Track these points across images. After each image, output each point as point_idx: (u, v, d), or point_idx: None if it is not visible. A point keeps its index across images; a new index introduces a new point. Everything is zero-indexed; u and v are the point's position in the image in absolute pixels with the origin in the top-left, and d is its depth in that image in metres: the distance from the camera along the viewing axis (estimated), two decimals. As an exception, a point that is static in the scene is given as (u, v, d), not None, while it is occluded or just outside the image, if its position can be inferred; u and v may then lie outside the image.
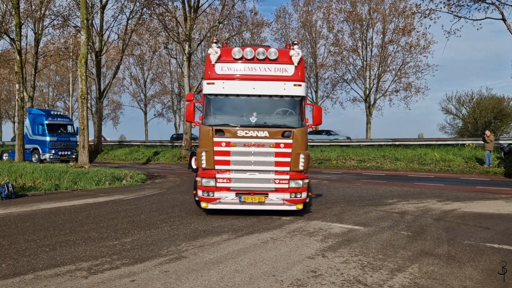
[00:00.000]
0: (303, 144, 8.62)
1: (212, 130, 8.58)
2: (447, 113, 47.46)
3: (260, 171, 8.61)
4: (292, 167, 8.54)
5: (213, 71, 8.79)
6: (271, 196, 8.60)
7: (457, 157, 22.44)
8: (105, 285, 4.75)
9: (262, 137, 8.52)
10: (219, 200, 8.70)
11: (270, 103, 8.89)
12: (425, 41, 35.95)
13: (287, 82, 8.68)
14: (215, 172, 8.66)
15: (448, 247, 6.44)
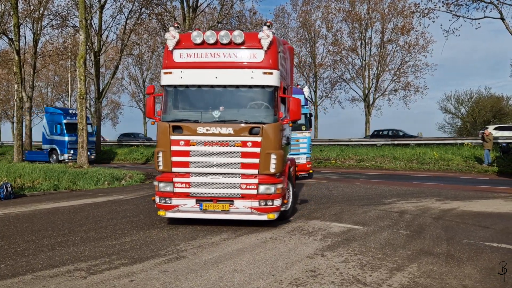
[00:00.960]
0: (275, 143, 7.45)
1: (169, 127, 7.59)
2: (446, 112, 47.54)
3: (224, 175, 7.48)
4: (261, 169, 7.37)
5: (171, 59, 7.74)
6: (236, 203, 7.44)
7: (456, 156, 22.46)
8: (104, 285, 4.74)
9: (225, 134, 7.42)
10: (177, 207, 7.63)
11: (237, 95, 7.80)
12: (424, 40, 36.02)
13: (255, 70, 7.44)
14: (173, 175, 7.63)
15: (447, 246, 6.44)
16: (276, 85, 7.53)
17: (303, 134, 15.76)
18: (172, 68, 7.69)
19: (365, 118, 38.90)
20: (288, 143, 8.85)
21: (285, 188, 7.93)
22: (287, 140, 8.59)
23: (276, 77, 7.53)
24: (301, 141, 15.73)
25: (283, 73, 8.22)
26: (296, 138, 15.26)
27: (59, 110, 29.34)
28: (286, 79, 8.81)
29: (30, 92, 33.94)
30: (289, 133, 9.08)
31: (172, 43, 7.67)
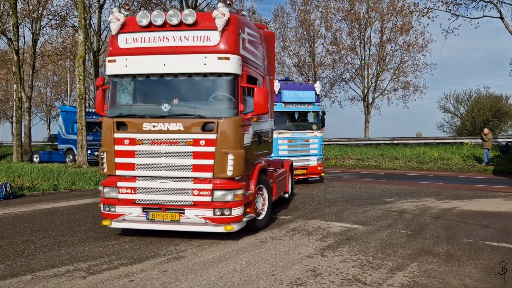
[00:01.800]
0: (234, 141, 6.45)
1: (112, 124, 6.70)
2: (446, 111, 47.55)
3: (173, 178, 6.54)
4: (216, 172, 6.38)
5: (116, 45, 6.83)
6: (188, 212, 6.48)
7: (455, 155, 22.47)
8: (104, 285, 4.73)
9: (175, 131, 6.48)
10: (122, 216, 6.74)
11: (190, 85, 6.81)
12: (423, 39, 36.04)
13: (208, 55, 6.41)
14: (117, 179, 6.74)
15: (447, 246, 6.44)
16: (235, 72, 6.51)
17: (313, 133, 14.76)
18: (117, 56, 6.79)
19: (364, 117, 38.92)
20: (261, 141, 7.82)
21: (251, 195, 6.94)
22: (259, 138, 7.64)
23: (235, 63, 6.49)
24: (312, 141, 14.71)
25: (251, 59, 7.32)
26: (306, 138, 14.57)
27: (75, 108, 28.37)
28: (258, 68, 7.89)
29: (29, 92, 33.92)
30: (267, 129, 8.35)
31: (116, 27, 6.74)
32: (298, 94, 14.39)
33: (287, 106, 14.22)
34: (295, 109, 14.57)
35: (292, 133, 14.23)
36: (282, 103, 14.04)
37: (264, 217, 7.68)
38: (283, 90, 14.06)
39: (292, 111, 14.71)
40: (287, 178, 10.35)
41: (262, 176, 7.71)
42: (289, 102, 14.22)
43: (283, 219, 8.57)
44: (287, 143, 14.02)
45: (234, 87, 6.59)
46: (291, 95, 14.22)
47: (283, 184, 9.94)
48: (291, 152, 14.04)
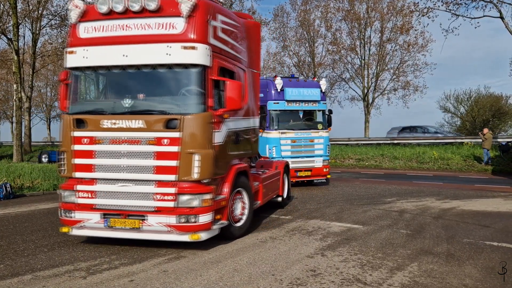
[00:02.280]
0: (201, 139, 5.88)
1: (71, 121, 6.18)
2: (445, 111, 47.54)
3: (135, 181, 5.99)
4: (181, 174, 5.79)
5: (75, 34, 6.30)
6: (150, 219, 5.89)
7: (455, 155, 22.47)
8: (104, 285, 4.73)
9: (136, 129, 5.91)
10: (82, 223, 6.16)
11: (154, 78, 6.25)
12: (423, 39, 35.98)
13: (172, 44, 5.85)
14: (75, 182, 6.20)
15: (447, 246, 6.44)
16: (202, 63, 5.92)
17: (319, 133, 13.89)
18: (76, 47, 6.26)
19: (364, 117, 38.91)
20: (239, 140, 7.13)
21: (224, 200, 6.35)
22: (236, 137, 6.98)
23: (202, 53, 5.90)
24: (317, 142, 13.84)
25: (225, 50, 6.73)
26: (310, 138, 13.74)
27: None
28: (237, 60, 7.26)
29: (29, 92, 33.87)
30: (248, 127, 7.69)
31: (76, 15, 6.24)
32: (302, 92, 13.63)
33: (290, 105, 13.50)
34: (298, 108, 13.79)
35: (295, 133, 13.49)
36: (285, 101, 13.37)
37: (243, 224, 7.06)
38: (286, 88, 13.35)
39: (295, 110, 13.87)
40: (280, 180, 9.79)
41: (241, 179, 7.05)
42: (292, 100, 13.49)
43: (283, 219, 8.57)
44: (290, 143, 13.33)
45: (202, 79, 5.97)
46: (294, 93, 13.49)
47: (274, 187, 9.38)
48: (295, 153, 13.40)
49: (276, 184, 9.59)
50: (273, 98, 13.23)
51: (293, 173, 12.78)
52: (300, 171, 13.40)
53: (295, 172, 13.10)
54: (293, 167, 12.83)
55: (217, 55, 6.32)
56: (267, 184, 8.72)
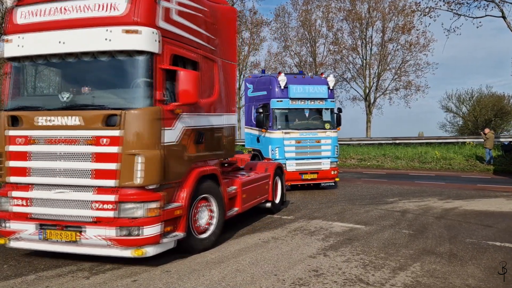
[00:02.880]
0: (146, 138, 5.14)
1: (6, 119, 5.50)
2: (447, 111, 47.48)
3: (72, 187, 5.24)
4: (122, 179, 5.04)
5: (12, 20, 5.60)
6: (88, 231, 5.13)
7: (457, 155, 22.42)
8: (107, 285, 4.74)
9: (73, 126, 5.19)
10: (17, 234, 5.45)
11: (95, 68, 5.47)
12: (425, 39, 35.93)
13: (113, 28, 5.13)
14: (10, 187, 5.52)
15: (450, 246, 6.43)
16: (148, 50, 5.17)
17: (326, 133, 12.94)
18: (12, 34, 5.57)
19: (366, 117, 38.89)
20: (202, 140, 6.24)
21: (179, 208, 5.55)
22: (198, 136, 6.12)
23: (148, 38, 5.15)
24: (324, 142, 12.88)
25: (184, 36, 5.90)
26: (317, 138, 12.84)
27: None
28: (203, 49, 6.41)
29: (31, 92, 33.91)
30: (218, 125, 6.82)
31: None
32: (307, 89, 12.80)
33: (294, 103, 12.71)
34: (304, 106, 12.90)
35: (300, 133, 12.67)
36: (289, 99, 12.64)
37: (209, 235, 6.26)
38: (290, 85, 12.62)
39: (300, 108, 12.96)
40: (269, 183, 8.98)
41: (206, 184, 6.26)
42: (297, 98, 12.70)
43: (285, 219, 8.57)
44: (294, 144, 12.55)
45: (148, 69, 5.21)
46: (299, 90, 12.69)
47: (261, 191, 8.53)
48: (300, 154, 12.61)
49: (263, 188, 8.72)
50: (276, 96, 12.65)
51: (297, 175, 12.50)
52: (305, 174, 12.68)
53: (299, 175, 12.60)
54: (298, 170, 12.50)
55: (170, 41, 5.56)
56: (250, 188, 7.91)
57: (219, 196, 6.57)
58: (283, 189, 9.90)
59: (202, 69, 6.35)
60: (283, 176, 10.00)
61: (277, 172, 9.57)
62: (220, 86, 6.91)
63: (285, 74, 13.06)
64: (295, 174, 12.51)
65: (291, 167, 12.44)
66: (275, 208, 9.39)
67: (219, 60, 6.97)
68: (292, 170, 12.46)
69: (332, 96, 13.34)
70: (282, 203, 9.88)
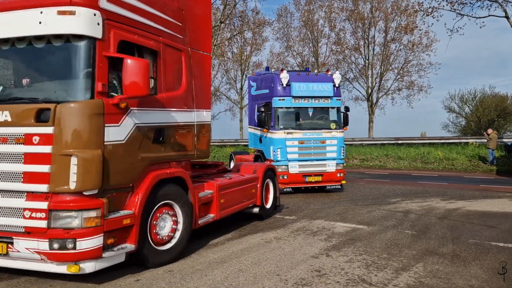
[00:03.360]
0: (84, 136, 4.48)
1: None
2: (450, 111, 47.41)
3: (2, 192, 4.62)
4: (55, 183, 4.39)
5: None
6: (20, 243, 4.47)
7: (460, 155, 22.38)
8: (110, 284, 4.75)
9: (1, 123, 4.59)
10: None
11: (30, 55, 4.84)
12: (427, 39, 35.89)
13: (46, 9, 4.50)
14: None
15: (453, 246, 6.42)
16: (88, 34, 4.53)
17: (331, 133, 12.22)
18: None
19: (368, 117, 38.84)
20: (162, 138, 5.56)
21: (129, 217, 4.86)
22: (155, 134, 5.43)
23: (88, 21, 4.50)
24: (329, 143, 12.17)
25: (136, 20, 5.19)
26: (321, 139, 12.13)
27: None
28: (164, 36, 5.69)
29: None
30: (183, 122, 6.04)
31: None
32: (311, 87, 12.20)
33: (297, 101, 12.12)
34: (307, 105, 12.29)
35: (303, 133, 12.04)
36: (292, 98, 12.06)
37: (172, 247, 5.58)
38: (293, 83, 12.05)
39: (304, 107, 12.33)
40: (258, 187, 8.25)
41: (169, 189, 5.57)
42: (300, 96, 12.13)
43: (288, 219, 8.57)
44: (297, 145, 11.95)
45: (87, 56, 4.55)
46: (302, 88, 12.12)
47: (246, 195, 7.84)
48: (303, 155, 12.02)
49: (249, 192, 7.97)
50: (278, 94, 12.11)
51: (300, 178, 11.98)
52: (309, 176, 12.02)
53: (303, 177, 12.00)
54: (301, 172, 11.99)
55: (118, 25, 4.89)
56: (230, 192, 7.21)
57: (186, 202, 5.82)
58: (276, 193, 9.12)
59: (165, 60, 5.66)
60: (275, 179, 9.24)
61: (267, 174, 8.77)
62: (188, 79, 6.17)
63: (288, 71, 12.52)
64: (298, 176, 11.98)
65: (293, 169, 11.94)
66: (265, 213, 8.61)
67: (188, 50, 6.23)
68: (295, 172, 11.94)
69: (338, 94, 12.63)
70: (275, 207, 9.18)
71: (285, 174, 11.80)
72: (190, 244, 6.47)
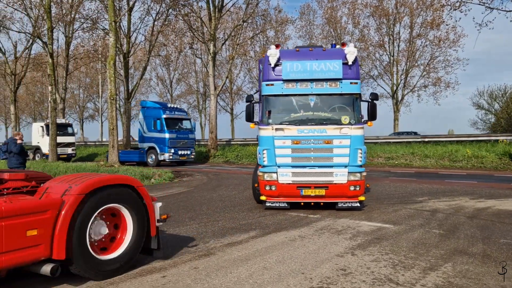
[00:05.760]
0: None
1: None
2: (479, 108, 46.06)
3: None
4: None
5: None
6: None
7: (490, 153, 21.71)
8: (137, 280, 4.84)
9: None
10: None
11: None
12: (454, 34, 35.01)
13: None
14: None
15: (483, 246, 6.24)
16: None
17: (341, 130, 8.78)
18: None
19: (393, 115, 38.19)
20: None
21: None
22: None
23: None
24: (337, 143, 8.79)
25: None
26: (326, 138, 8.77)
27: (157, 104, 26.43)
28: None
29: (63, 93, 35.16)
30: None
31: None
32: (310, 66, 8.78)
33: (290, 87, 8.92)
34: (305, 91, 8.94)
35: (299, 129, 8.83)
36: (282, 82, 8.90)
37: None
38: (284, 61, 8.86)
39: (301, 95, 9.04)
40: (49, 224, 4.28)
41: None
42: (294, 80, 8.87)
43: (312, 218, 8.52)
44: (290, 145, 8.85)
45: None
46: (297, 68, 8.81)
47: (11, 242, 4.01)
48: (298, 160, 8.88)
49: (21, 235, 4.10)
50: (266, 78, 9.07)
51: (294, 191, 8.85)
52: (306, 188, 8.83)
53: (297, 190, 8.84)
54: (295, 182, 8.85)
55: None
56: None
57: None
58: (144, 230, 5.26)
59: None
60: (141, 204, 5.23)
61: (102, 197, 4.77)
62: None
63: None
64: (291, 188, 8.87)
65: (284, 178, 8.88)
66: (83, 271, 4.60)
67: None
68: (287, 183, 8.87)
69: (353, 75, 8.90)
70: (150, 251, 5.43)
71: (273, 184, 8.93)
72: (214, 242, 6.54)
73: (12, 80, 38.19)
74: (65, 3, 31.57)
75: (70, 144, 31.06)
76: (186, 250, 6.12)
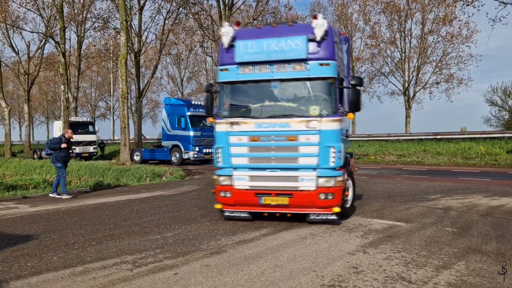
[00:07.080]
0: None
1: None
2: (492, 105, 45.29)
3: None
4: None
5: None
6: None
7: (504, 150, 21.40)
8: (150, 277, 4.89)
9: None
10: None
11: None
12: (467, 30, 34.50)
13: None
14: None
15: (497, 244, 6.16)
16: None
17: (309, 124, 7.18)
18: None
19: (405, 112, 37.82)
20: None
21: None
22: None
23: None
24: (304, 141, 7.24)
25: None
26: (290, 133, 7.27)
27: (181, 101, 25.90)
28: None
29: (75, 92, 35.56)
30: None
31: None
32: (267, 45, 7.29)
33: (247, 71, 7.52)
34: (265, 76, 7.47)
35: (257, 123, 7.43)
36: (237, 67, 7.54)
37: None
38: (239, 41, 7.47)
39: (261, 80, 7.57)
40: None
41: None
42: (250, 62, 7.45)
43: (323, 216, 8.49)
44: (246, 142, 7.50)
45: None
46: (252, 48, 7.39)
47: None
48: (257, 160, 7.51)
49: None
50: (221, 62, 7.79)
51: (252, 198, 7.52)
52: (266, 196, 7.45)
53: (256, 197, 7.49)
54: (253, 188, 7.54)
55: None
56: None
57: None
58: None
59: None
60: None
61: None
62: None
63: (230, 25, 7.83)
64: (248, 194, 7.54)
65: (241, 183, 7.60)
66: None
67: None
68: (243, 188, 7.59)
69: (324, 54, 7.20)
70: None
71: (228, 189, 7.67)
72: (225, 239, 6.57)
73: (26, 79, 38.76)
74: (77, 3, 31.92)
75: (91, 143, 30.25)
76: (198, 247, 6.16)
